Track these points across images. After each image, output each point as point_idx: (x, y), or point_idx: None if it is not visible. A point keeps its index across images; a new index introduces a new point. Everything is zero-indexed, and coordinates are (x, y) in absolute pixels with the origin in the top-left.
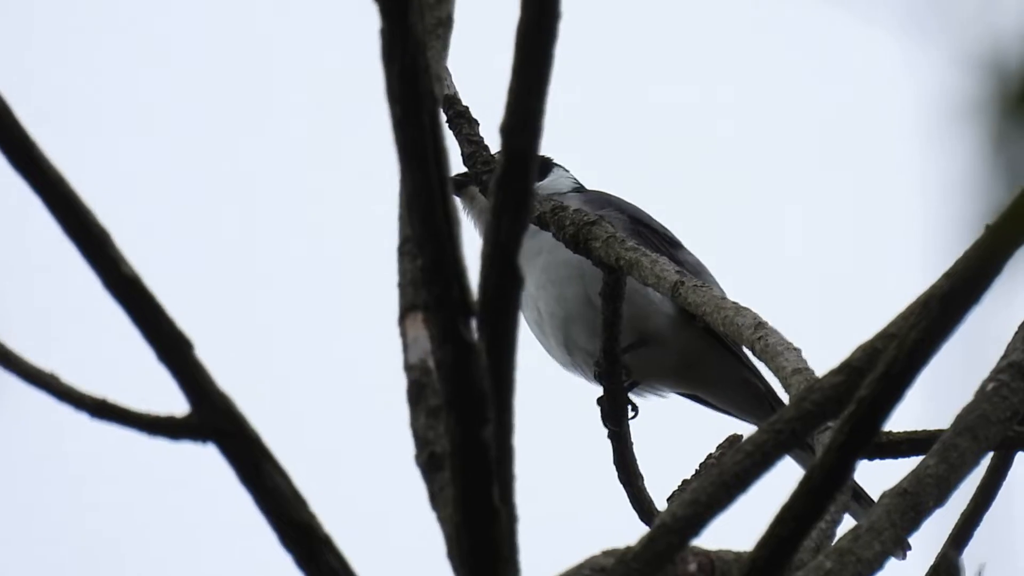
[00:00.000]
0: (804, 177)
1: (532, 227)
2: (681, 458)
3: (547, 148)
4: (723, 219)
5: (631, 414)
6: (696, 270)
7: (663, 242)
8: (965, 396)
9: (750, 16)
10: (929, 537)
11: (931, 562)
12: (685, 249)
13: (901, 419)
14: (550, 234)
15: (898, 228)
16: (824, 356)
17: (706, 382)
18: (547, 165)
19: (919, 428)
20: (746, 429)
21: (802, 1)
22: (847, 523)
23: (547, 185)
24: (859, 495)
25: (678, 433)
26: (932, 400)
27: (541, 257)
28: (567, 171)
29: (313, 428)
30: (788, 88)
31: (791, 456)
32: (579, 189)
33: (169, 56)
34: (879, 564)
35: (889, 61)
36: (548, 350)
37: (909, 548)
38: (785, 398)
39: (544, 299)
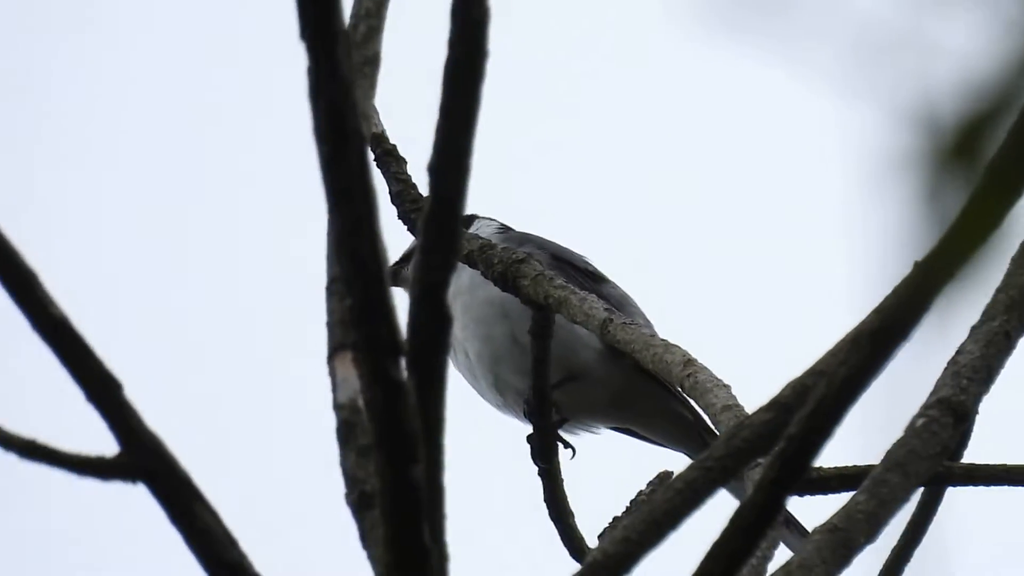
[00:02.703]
0: (735, 215)
1: None
2: (612, 495)
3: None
4: (654, 257)
5: (570, 455)
6: (621, 303)
7: (586, 277)
8: (895, 432)
9: (679, 71)
10: (860, 574)
11: None
12: (609, 282)
13: (831, 455)
14: (467, 275)
15: (828, 266)
16: (754, 393)
17: (636, 416)
18: (470, 219)
19: (849, 464)
20: (678, 459)
21: (731, 55)
22: (778, 558)
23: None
24: (791, 523)
25: (609, 470)
26: (862, 436)
27: (461, 299)
28: (492, 219)
29: (244, 468)
30: (718, 132)
31: (724, 487)
32: (506, 231)
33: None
34: None
35: (822, 113)
36: (480, 393)
37: None
38: (717, 431)
39: (470, 341)
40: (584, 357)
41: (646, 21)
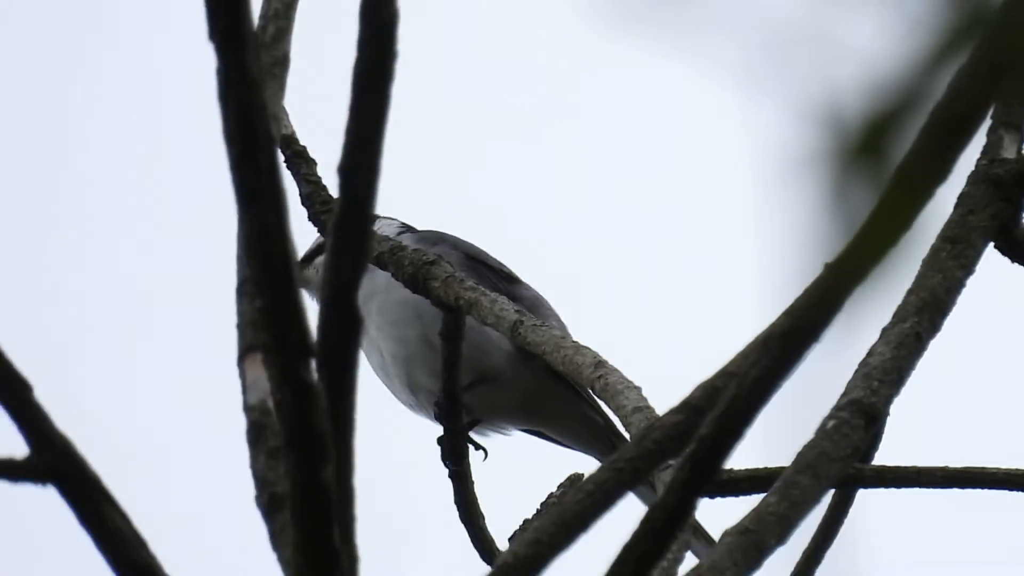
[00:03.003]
0: (645, 215)
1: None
2: (522, 497)
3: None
4: (567, 258)
5: (482, 457)
6: (534, 305)
7: (499, 278)
8: (806, 434)
9: (584, 67)
10: None
11: None
12: (523, 284)
13: (742, 457)
14: (383, 275)
15: (737, 267)
16: (665, 394)
17: (547, 418)
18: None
19: (760, 466)
20: (588, 462)
21: (636, 51)
22: (688, 561)
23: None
24: (699, 532)
25: (519, 472)
26: (773, 438)
27: (376, 299)
28: (393, 219)
29: (154, 469)
30: (624, 130)
31: (633, 492)
32: (408, 230)
33: None
34: None
35: (728, 111)
36: (394, 393)
37: None
38: (627, 434)
39: (385, 341)
40: (495, 359)
41: (551, 17)
